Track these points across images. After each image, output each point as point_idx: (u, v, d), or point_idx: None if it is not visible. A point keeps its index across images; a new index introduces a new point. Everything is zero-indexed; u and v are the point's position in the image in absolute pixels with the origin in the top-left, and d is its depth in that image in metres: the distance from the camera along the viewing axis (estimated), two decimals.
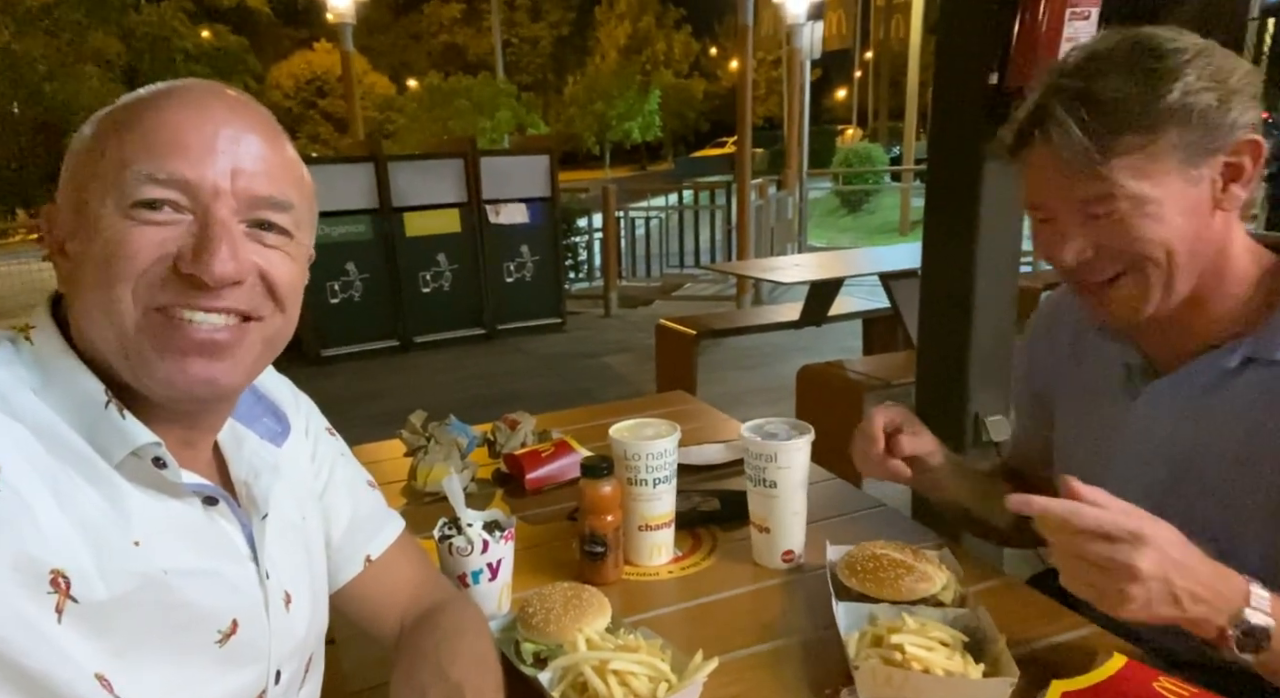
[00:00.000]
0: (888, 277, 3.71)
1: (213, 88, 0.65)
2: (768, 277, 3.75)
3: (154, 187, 0.59)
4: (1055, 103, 0.86)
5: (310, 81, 26.66)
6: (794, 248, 9.29)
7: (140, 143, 0.59)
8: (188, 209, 0.60)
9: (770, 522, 1.10)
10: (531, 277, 6.35)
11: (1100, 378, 1.04)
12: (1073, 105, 0.84)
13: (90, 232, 0.59)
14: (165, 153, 0.59)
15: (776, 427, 1.12)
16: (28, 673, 0.53)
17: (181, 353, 0.61)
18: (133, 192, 0.59)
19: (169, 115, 0.61)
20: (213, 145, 0.61)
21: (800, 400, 3.40)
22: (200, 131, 0.61)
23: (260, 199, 0.63)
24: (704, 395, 4.21)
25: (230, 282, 0.61)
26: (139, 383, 0.61)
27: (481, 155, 6.00)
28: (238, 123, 0.63)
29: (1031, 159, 0.90)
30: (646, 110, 27.95)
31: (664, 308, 7.36)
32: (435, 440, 1.36)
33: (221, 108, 0.63)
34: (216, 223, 0.60)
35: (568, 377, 5.32)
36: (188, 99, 0.62)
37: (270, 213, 0.64)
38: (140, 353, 0.60)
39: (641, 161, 36.79)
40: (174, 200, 0.59)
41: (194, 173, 0.60)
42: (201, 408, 0.67)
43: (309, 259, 0.73)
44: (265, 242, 0.64)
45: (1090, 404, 1.06)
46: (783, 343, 5.11)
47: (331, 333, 5.74)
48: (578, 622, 0.88)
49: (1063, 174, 0.86)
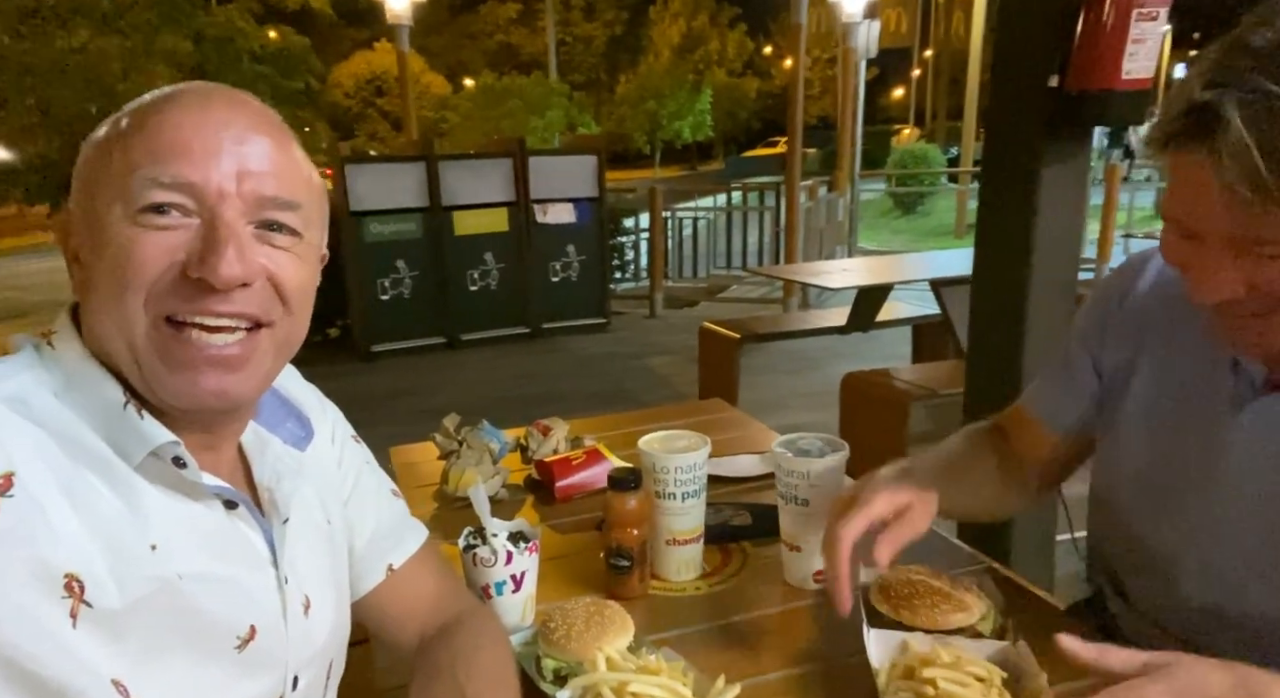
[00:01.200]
0: (939, 283, 3.61)
1: (216, 89, 0.65)
2: (813, 281, 3.69)
3: (159, 191, 0.59)
4: (1230, 104, 0.64)
5: (370, 81, 27.21)
6: (844, 251, 9.13)
7: (144, 148, 0.59)
8: (194, 213, 0.60)
9: (801, 541, 1.07)
10: (577, 276, 6.37)
11: (1197, 379, 0.89)
12: (1257, 113, 0.63)
13: (100, 239, 0.60)
14: (169, 156, 0.59)
15: (810, 442, 1.08)
16: (44, 680, 0.53)
17: (193, 367, 0.61)
18: (139, 197, 0.59)
19: (172, 119, 0.61)
20: (217, 147, 0.60)
21: (844, 408, 3.34)
22: (203, 134, 0.60)
23: (267, 199, 0.62)
24: (746, 400, 4.22)
25: (238, 284, 0.60)
26: (150, 394, 0.62)
27: (530, 155, 6.04)
28: (241, 123, 0.63)
29: (1178, 166, 0.71)
30: (697, 109, 27.87)
31: (709, 310, 7.32)
32: (467, 445, 1.36)
33: (225, 109, 0.63)
34: (223, 225, 0.60)
35: (610, 377, 5.32)
36: (190, 102, 0.62)
37: (278, 213, 0.64)
38: (151, 365, 0.61)
39: (692, 161, 36.69)
40: (180, 204, 0.59)
41: (199, 175, 0.60)
42: (216, 417, 0.67)
43: (321, 259, 0.73)
44: (274, 242, 0.64)
45: (1180, 407, 0.90)
46: (830, 347, 5.02)
47: (381, 329, 5.84)
48: (599, 640, 0.87)
49: (1223, 201, 0.67)
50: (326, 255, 0.76)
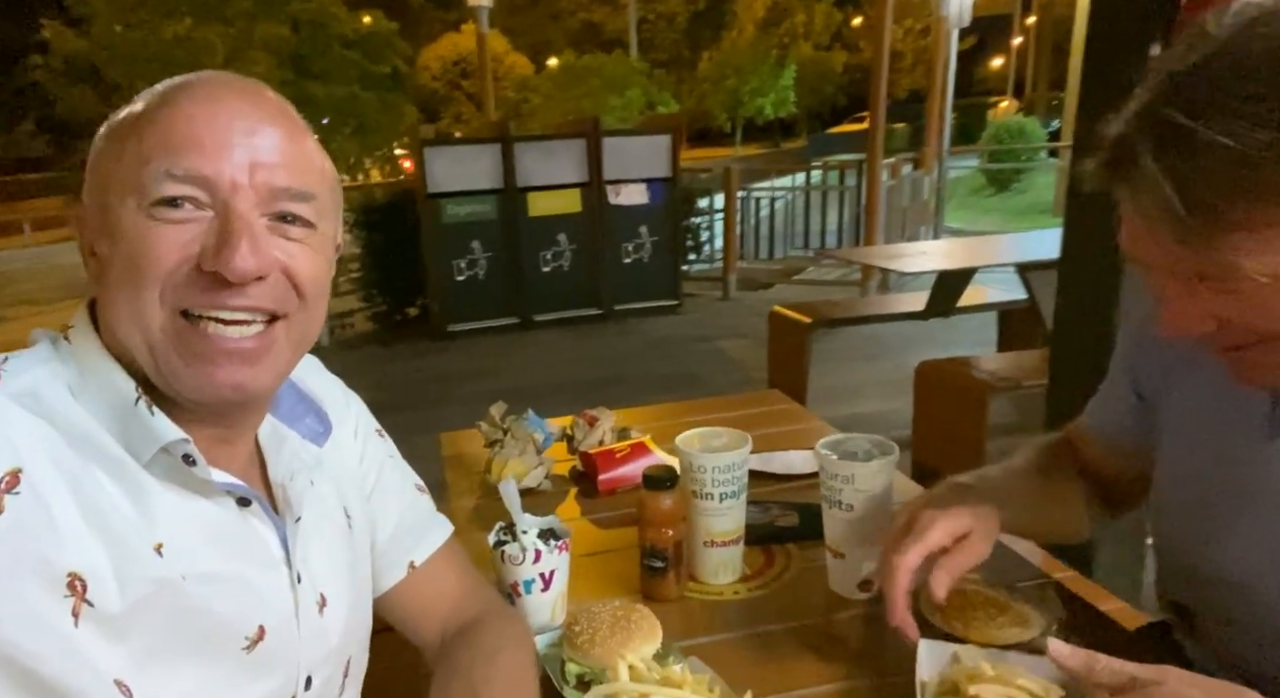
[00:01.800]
0: (1026, 267, 3.41)
1: (229, 80, 0.64)
2: (887, 265, 3.53)
3: (172, 184, 0.58)
4: (1143, 138, 0.61)
5: (456, 63, 27.69)
6: (928, 231, 8.78)
7: (156, 140, 0.59)
8: (207, 205, 0.60)
9: (846, 548, 1.01)
10: (649, 258, 6.33)
11: (1231, 403, 0.83)
12: (1166, 149, 0.59)
13: (115, 233, 0.60)
14: (182, 149, 0.59)
15: (857, 444, 1.02)
16: (44, 678, 0.54)
17: (209, 360, 0.61)
18: (152, 190, 0.58)
19: (184, 111, 0.60)
20: (229, 139, 0.60)
21: (918, 399, 3.21)
22: (215, 126, 0.60)
23: (280, 191, 0.62)
24: (818, 386, 4.11)
25: (253, 277, 0.60)
26: (167, 387, 0.62)
27: (604, 136, 6.02)
28: (254, 115, 0.62)
29: (1118, 198, 0.67)
30: (780, 85, 27.21)
31: (784, 292, 7.16)
32: (511, 435, 1.35)
33: (236, 100, 0.62)
34: (237, 218, 0.59)
35: (679, 360, 5.28)
36: (202, 93, 0.61)
37: (292, 204, 0.63)
38: (167, 359, 0.60)
39: (775, 138, 35.93)
40: (193, 197, 0.59)
41: (211, 168, 0.59)
42: (232, 410, 0.67)
43: (336, 249, 0.72)
44: (289, 235, 0.63)
45: (1214, 432, 0.85)
46: (909, 332, 4.79)
47: (457, 310, 5.96)
48: (624, 646, 0.84)
49: (1153, 237, 0.64)
50: (341, 245, 0.75)
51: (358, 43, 12.16)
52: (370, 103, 11.95)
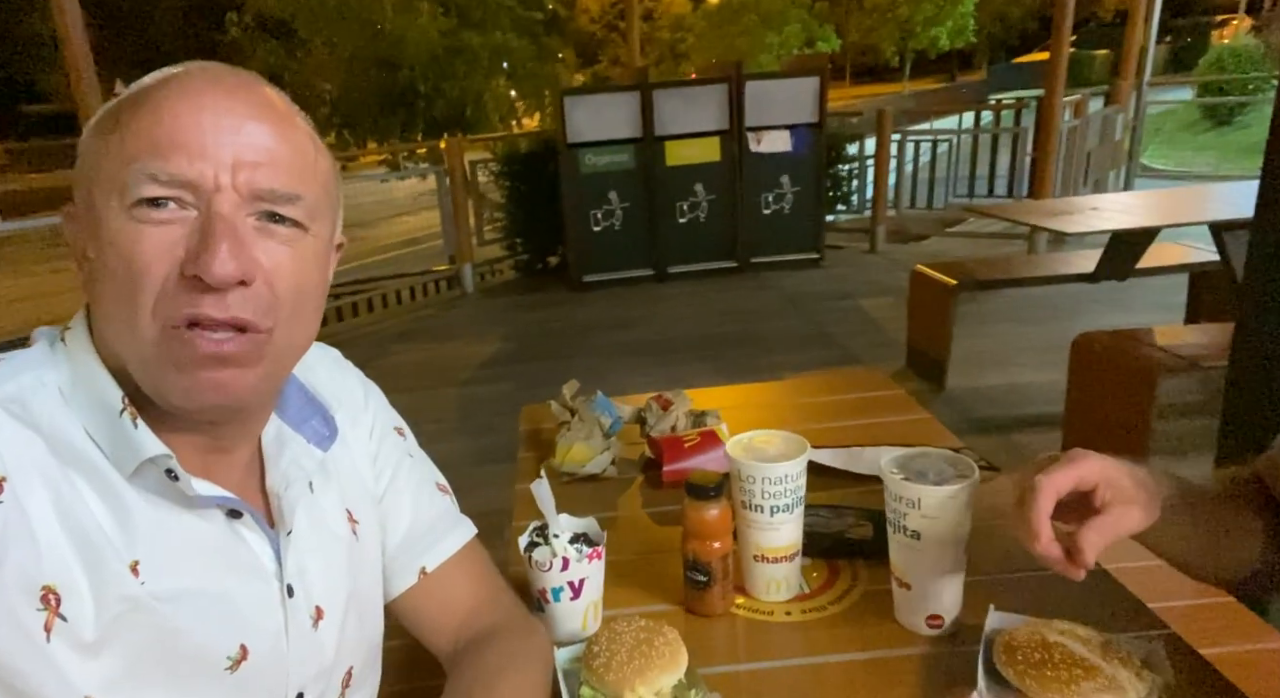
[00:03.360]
0: (1222, 225, 2.92)
1: (215, 75, 0.61)
2: (1045, 223, 3.11)
3: (155, 185, 0.57)
4: None
5: (614, 4, 27.51)
6: (1119, 178, 7.80)
7: (139, 139, 0.57)
8: (191, 205, 0.58)
9: (911, 577, 0.89)
10: (790, 208, 6.04)
11: None
12: None
13: (100, 235, 0.58)
14: (164, 148, 0.57)
15: (931, 462, 0.88)
16: (17, 691, 0.54)
17: (197, 365, 0.59)
18: (134, 190, 0.57)
19: (168, 107, 0.58)
20: (213, 137, 0.57)
21: (1073, 376, 2.86)
22: (198, 124, 0.57)
23: (265, 192, 0.59)
24: (963, 351, 3.78)
25: (234, 281, 0.57)
26: (159, 398, 0.60)
27: (747, 80, 5.74)
28: (239, 111, 0.59)
29: None
30: (959, 12, 24.86)
31: (939, 245, 6.64)
32: (579, 417, 1.30)
33: (223, 96, 0.59)
34: (219, 220, 0.57)
35: (814, 318, 5.04)
36: (186, 88, 0.59)
37: (278, 205, 0.60)
38: (159, 368, 0.59)
39: (951, 71, 33.16)
40: (177, 197, 0.57)
41: (194, 169, 0.57)
42: (224, 417, 0.65)
43: (338, 248, 0.68)
44: (276, 236, 0.60)
45: None
46: (1080, 294, 4.18)
47: (593, 260, 5.99)
48: (640, 675, 0.78)
49: None
50: (344, 242, 0.71)
51: None
52: (524, 50, 12.13)
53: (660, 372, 4.10)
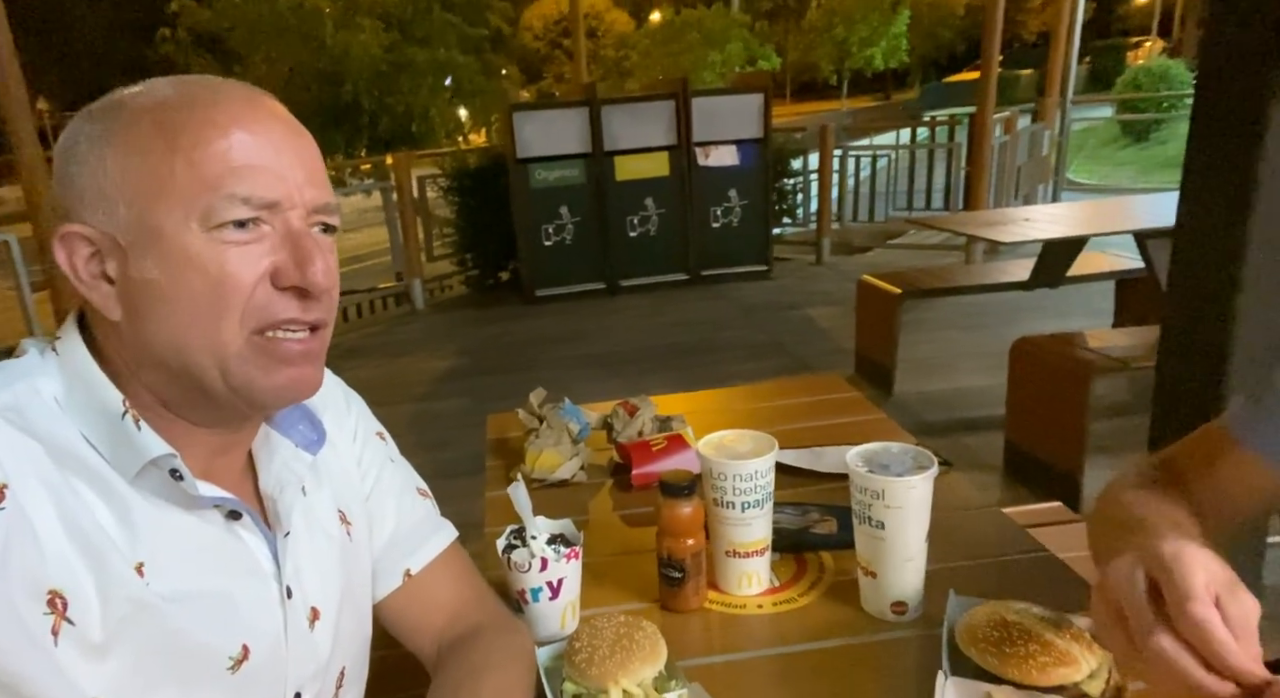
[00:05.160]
0: (1146, 234, 3.09)
1: (247, 94, 0.64)
2: (983, 233, 3.26)
3: (245, 208, 0.60)
4: None
5: (558, 21, 27.67)
6: (1046, 191, 8.15)
7: (214, 163, 0.59)
8: (267, 222, 0.61)
9: (877, 567, 0.93)
10: (739, 221, 6.16)
11: None
12: None
13: (173, 255, 0.59)
14: (247, 172, 0.60)
15: (893, 455, 0.93)
16: (25, 695, 0.54)
17: (287, 364, 0.64)
18: (223, 213, 0.59)
19: (235, 131, 0.60)
20: (285, 159, 0.62)
21: (1013, 377, 2.99)
22: (271, 146, 0.62)
23: (320, 206, 0.65)
24: (908, 358, 3.91)
25: (327, 289, 0.63)
26: (246, 396, 0.63)
27: (693, 96, 5.84)
28: (291, 131, 0.64)
29: None
30: (892, 33, 25.70)
31: (881, 257, 6.84)
32: (547, 424, 1.32)
33: (273, 119, 0.64)
34: (305, 236, 0.63)
35: (766, 328, 5.14)
36: (243, 113, 0.62)
37: (328, 217, 0.66)
38: (244, 375, 0.62)
39: (886, 90, 34.21)
40: (259, 218, 0.61)
41: (276, 192, 0.61)
42: (244, 418, 0.68)
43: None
44: (328, 245, 0.66)
45: None
46: (1016, 301, 4.42)
47: (545, 274, 6.01)
48: (622, 668, 0.80)
49: None
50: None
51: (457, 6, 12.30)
52: (469, 66, 12.12)
53: (617, 382, 4.13)
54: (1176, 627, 0.55)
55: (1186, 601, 0.55)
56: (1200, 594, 0.55)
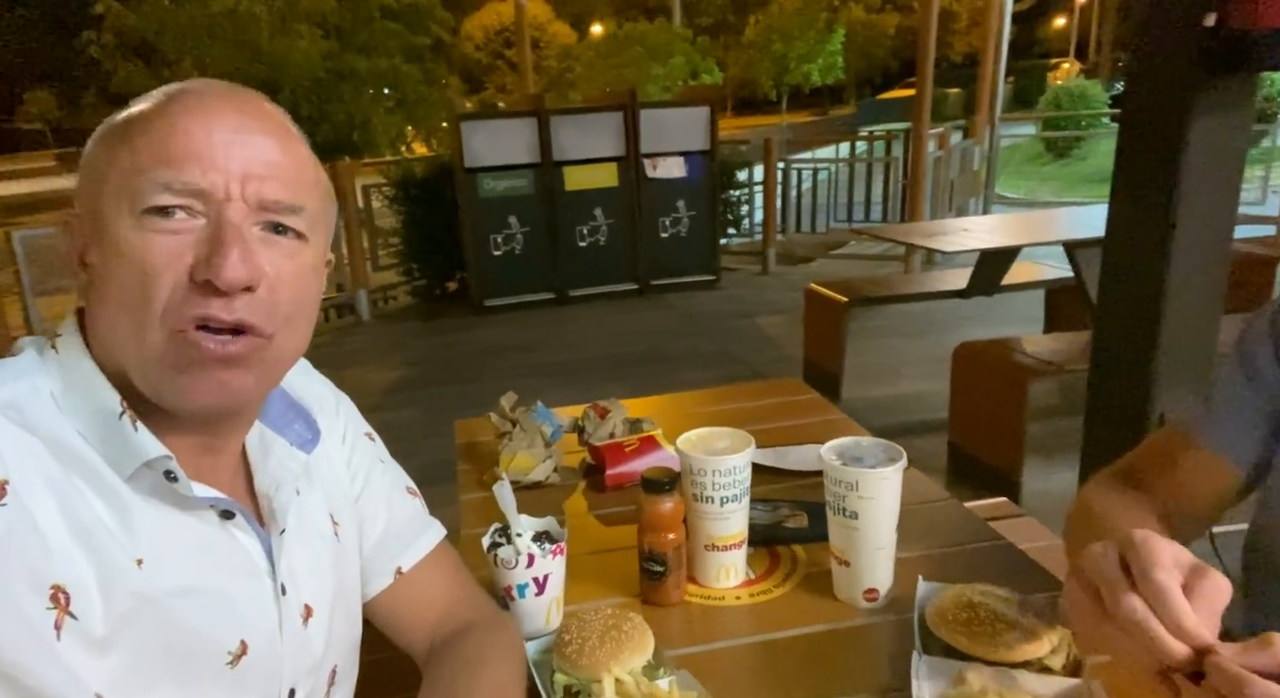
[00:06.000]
0: (1074, 244, 3.26)
1: (223, 90, 0.63)
2: (924, 243, 3.40)
3: (168, 194, 0.59)
4: None
5: (499, 32, 27.55)
6: (978, 204, 8.49)
7: (151, 150, 0.59)
8: (200, 213, 0.60)
9: (850, 556, 0.98)
10: (687, 232, 6.24)
11: None
12: None
13: (106, 243, 0.59)
14: (177, 160, 0.59)
15: (864, 449, 0.98)
16: (27, 689, 0.54)
17: (200, 367, 0.60)
18: (146, 199, 0.58)
19: (179, 121, 0.60)
20: (224, 150, 0.60)
21: (955, 381, 3.12)
22: (211, 136, 0.60)
23: (271, 203, 0.62)
24: (855, 365, 4.04)
25: (242, 286, 0.59)
26: (159, 400, 0.61)
27: (641, 108, 5.91)
28: (249, 126, 0.62)
29: None
30: (828, 51, 26.40)
31: (825, 267, 7.02)
32: (520, 427, 1.34)
33: (232, 111, 0.62)
34: (229, 227, 0.59)
35: (716, 337, 5.21)
36: (198, 103, 0.61)
37: (282, 217, 0.63)
38: (161, 372, 0.60)
39: (823, 106, 35.07)
40: (187, 206, 0.59)
41: (206, 180, 0.59)
42: (221, 416, 0.66)
43: (328, 263, 0.71)
44: (279, 247, 0.63)
45: None
46: (953, 310, 4.62)
47: (494, 284, 5.97)
48: (613, 658, 0.82)
49: None
50: (332, 260, 0.73)
51: (399, 13, 12.16)
52: (412, 75, 11.98)
53: (571, 391, 4.13)
54: (1140, 591, 0.60)
55: (1150, 567, 0.60)
56: (1163, 562, 0.60)
